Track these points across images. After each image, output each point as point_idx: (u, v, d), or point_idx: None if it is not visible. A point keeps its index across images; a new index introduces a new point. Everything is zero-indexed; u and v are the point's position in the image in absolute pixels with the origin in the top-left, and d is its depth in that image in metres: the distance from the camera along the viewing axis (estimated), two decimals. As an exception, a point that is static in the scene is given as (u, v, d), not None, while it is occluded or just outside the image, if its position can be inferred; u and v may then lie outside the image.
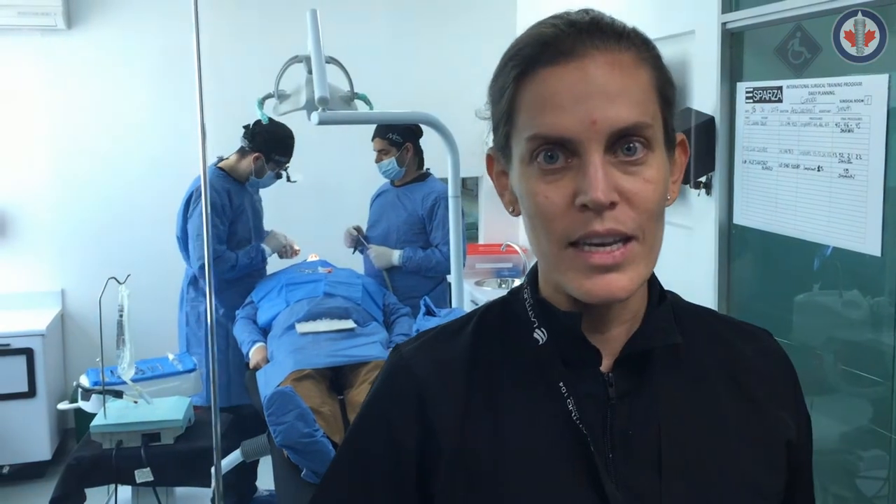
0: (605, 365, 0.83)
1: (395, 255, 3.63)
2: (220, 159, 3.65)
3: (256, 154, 3.54)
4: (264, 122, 2.98)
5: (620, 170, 0.75)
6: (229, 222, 3.53)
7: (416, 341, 0.91)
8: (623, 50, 0.76)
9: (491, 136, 0.87)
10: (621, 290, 0.76)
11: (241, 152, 3.59)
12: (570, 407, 0.81)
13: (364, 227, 3.83)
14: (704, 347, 0.88)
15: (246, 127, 3.57)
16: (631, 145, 0.75)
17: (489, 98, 0.85)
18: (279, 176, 3.66)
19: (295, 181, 3.66)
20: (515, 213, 0.85)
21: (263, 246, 3.69)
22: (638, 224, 0.75)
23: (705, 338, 0.89)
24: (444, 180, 3.13)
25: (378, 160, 3.64)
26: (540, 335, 0.84)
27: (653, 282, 0.87)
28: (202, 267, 3.38)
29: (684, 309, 0.91)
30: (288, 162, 3.64)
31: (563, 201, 0.75)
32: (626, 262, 0.75)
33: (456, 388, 0.84)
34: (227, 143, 3.56)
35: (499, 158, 0.86)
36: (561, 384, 0.81)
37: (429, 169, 3.75)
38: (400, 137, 3.58)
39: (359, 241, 3.77)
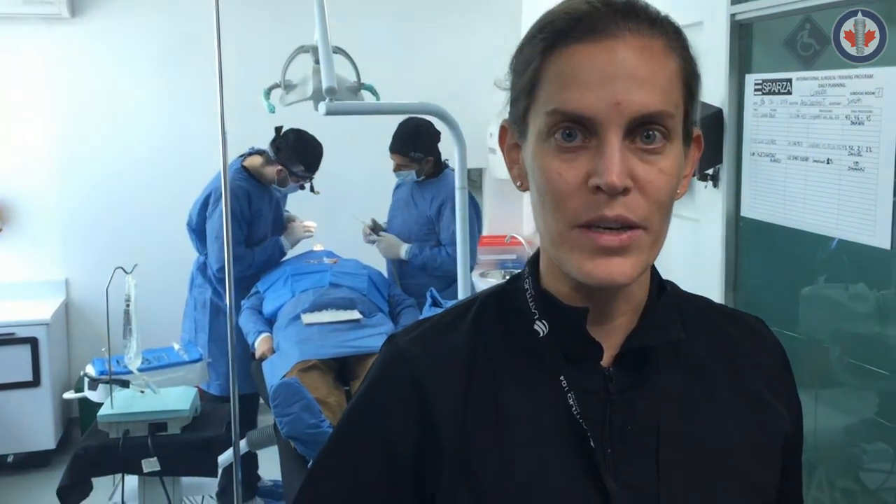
0: (606, 359, 0.82)
1: (404, 249, 3.62)
2: (248, 153, 3.61)
3: (280, 167, 3.52)
4: (269, 112, 2.96)
5: (637, 156, 0.74)
6: (247, 224, 3.52)
7: (412, 331, 0.89)
8: (655, 36, 0.76)
9: (507, 109, 0.85)
10: (622, 275, 0.75)
11: (267, 159, 3.54)
12: (571, 402, 0.80)
13: (380, 218, 3.81)
14: (704, 339, 0.88)
15: (278, 129, 3.51)
16: (651, 133, 0.74)
17: (510, 68, 0.83)
18: (303, 187, 3.63)
19: (318, 192, 3.63)
20: (523, 188, 0.84)
21: (282, 240, 3.68)
22: (647, 214, 0.74)
23: (704, 329, 0.89)
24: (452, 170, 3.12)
25: (396, 170, 3.61)
26: (541, 327, 0.83)
27: (653, 273, 0.86)
28: (220, 269, 3.40)
29: (683, 299, 0.91)
30: (312, 176, 3.60)
31: (576, 181, 0.74)
32: (631, 249, 0.75)
33: (456, 381, 0.83)
34: (231, 134, 3.54)
35: (513, 130, 0.84)
36: (562, 378, 0.81)
37: (447, 161, 3.72)
38: (422, 154, 3.54)
39: (372, 231, 3.74)
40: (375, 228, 3.72)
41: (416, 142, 3.52)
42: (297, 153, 3.48)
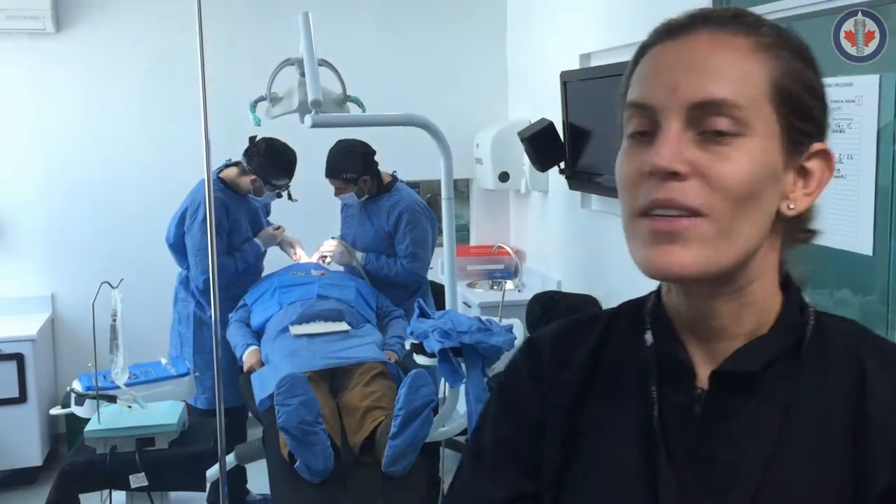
0: (704, 379, 0.79)
1: (358, 256, 3.60)
2: (224, 165, 3.62)
3: (254, 177, 3.53)
4: (255, 125, 2.97)
5: (701, 147, 0.72)
6: (226, 234, 3.52)
7: (552, 326, 0.94)
8: (739, 33, 0.75)
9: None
10: (679, 265, 0.72)
11: (241, 169, 3.55)
12: (655, 413, 0.79)
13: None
14: (834, 380, 0.78)
15: (252, 138, 3.52)
16: (715, 123, 0.72)
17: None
18: (279, 195, 3.63)
19: (296, 200, 3.64)
20: None
21: (256, 241, 3.67)
22: (706, 201, 0.71)
23: (841, 369, 0.78)
24: (437, 182, 3.12)
25: (337, 194, 3.61)
26: (649, 336, 0.83)
27: (788, 302, 0.82)
28: (206, 281, 3.39)
29: (833, 332, 0.82)
30: (287, 184, 3.61)
31: (637, 170, 0.74)
32: (690, 237, 0.71)
33: (571, 372, 0.86)
34: (217, 147, 3.55)
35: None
36: (653, 388, 0.80)
37: (395, 172, 3.71)
38: (355, 175, 3.52)
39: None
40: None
41: (345, 163, 3.52)
42: (269, 161, 3.50)
